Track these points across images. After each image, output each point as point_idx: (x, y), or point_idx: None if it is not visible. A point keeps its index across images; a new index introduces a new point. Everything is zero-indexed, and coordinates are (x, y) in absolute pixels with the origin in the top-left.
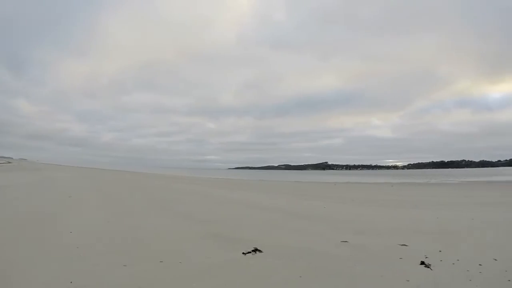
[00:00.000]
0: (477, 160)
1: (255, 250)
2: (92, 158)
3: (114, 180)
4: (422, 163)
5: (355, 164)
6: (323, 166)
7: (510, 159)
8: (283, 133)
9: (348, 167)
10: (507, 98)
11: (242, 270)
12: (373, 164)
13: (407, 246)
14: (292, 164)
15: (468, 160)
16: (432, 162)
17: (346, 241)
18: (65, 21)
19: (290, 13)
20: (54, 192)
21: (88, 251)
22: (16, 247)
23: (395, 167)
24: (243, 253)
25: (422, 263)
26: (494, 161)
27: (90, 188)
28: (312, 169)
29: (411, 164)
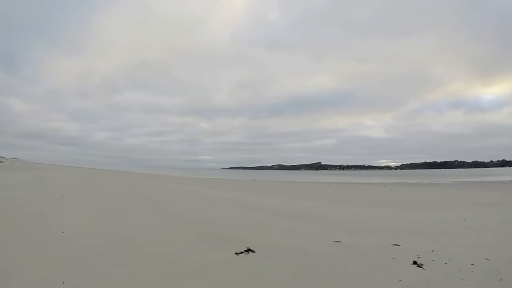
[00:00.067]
0: (469, 160)
1: (248, 250)
2: (84, 157)
3: (106, 180)
4: (415, 163)
5: (348, 165)
6: (317, 166)
7: (502, 160)
8: (276, 133)
9: (341, 167)
10: (499, 100)
11: (234, 270)
12: (366, 165)
13: (399, 246)
14: (286, 164)
15: (460, 161)
16: (425, 162)
17: (339, 241)
18: (58, 20)
19: (284, 13)
20: (47, 192)
21: (80, 252)
22: (8, 248)
23: (388, 168)
24: (235, 253)
25: (415, 263)
26: (486, 161)
27: (83, 188)
28: (305, 169)
29: (404, 164)
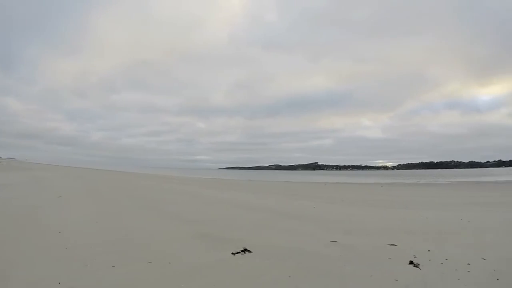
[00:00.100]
0: (466, 161)
1: (244, 250)
2: (81, 157)
3: (103, 180)
4: (412, 163)
5: (345, 165)
6: (313, 167)
7: (499, 160)
8: (273, 133)
9: (338, 167)
10: (495, 100)
11: (231, 270)
12: (363, 165)
13: (396, 246)
14: (283, 164)
15: (457, 161)
16: (422, 162)
17: (335, 241)
18: (56, 19)
19: (282, 13)
20: (44, 192)
21: (77, 252)
22: (4, 248)
23: (385, 168)
24: (232, 253)
25: (411, 262)
26: (483, 162)
27: (80, 188)
28: (302, 169)
29: (401, 164)
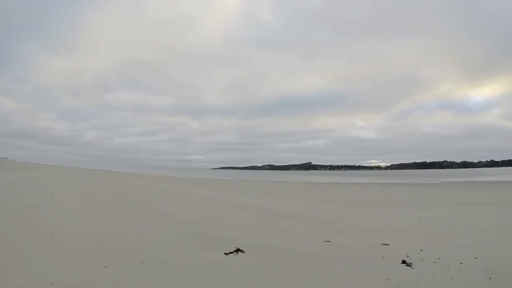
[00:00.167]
0: (458, 161)
1: (237, 250)
2: (74, 157)
3: (96, 180)
4: (405, 163)
5: (338, 165)
6: (307, 167)
7: (491, 160)
8: (267, 133)
9: (331, 167)
10: (488, 101)
11: (224, 270)
12: (356, 165)
13: (388, 245)
14: (276, 164)
15: (450, 161)
16: (415, 162)
17: (328, 241)
18: (50, 18)
19: (276, 13)
20: (36, 192)
21: (70, 252)
22: None
23: (378, 168)
24: (225, 253)
25: (404, 262)
26: (475, 162)
27: (73, 189)
28: (295, 169)
29: (394, 164)
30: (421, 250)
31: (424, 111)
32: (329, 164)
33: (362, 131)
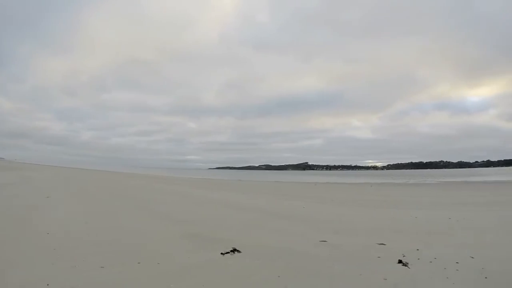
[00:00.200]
0: (455, 161)
1: (234, 250)
2: (71, 157)
3: (93, 180)
4: (401, 163)
5: (335, 165)
6: (304, 167)
7: (487, 160)
8: (264, 133)
9: (328, 167)
10: (484, 102)
11: (220, 270)
12: (353, 165)
13: (385, 245)
14: (273, 164)
15: (446, 161)
16: (411, 162)
17: (325, 240)
18: (46, 17)
19: (273, 14)
20: (32, 192)
21: (66, 253)
22: None
23: (375, 168)
24: (221, 253)
25: (400, 261)
26: (471, 162)
27: (69, 189)
28: (292, 169)
29: (390, 164)
30: (417, 249)
31: (421, 112)
32: (325, 164)
33: (359, 131)
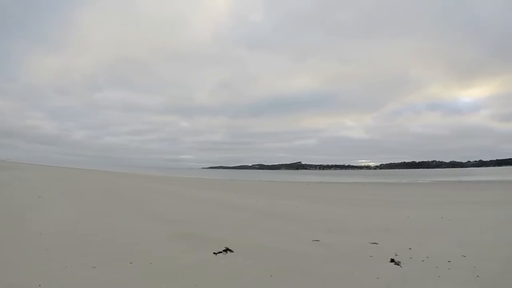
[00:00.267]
0: (447, 161)
1: (226, 250)
2: (63, 157)
3: (85, 180)
4: (394, 163)
5: (328, 164)
6: (297, 166)
7: (479, 160)
8: (257, 133)
9: (321, 167)
10: (476, 103)
11: (212, 270)
12: (346, 164)
13: (377, 244)
14: (266, 164)
15: (438, 161)
16: (404, 162)
17: (317, 240)
18: (39, 15)
19: (267, 14)
20: (24, 192)
21: (57, 253)
22: None
23: (368, 167)
24: (214, 253)
25: (392, 260)
26: (463, 162)
27: (61, 188)
28: (285, 169)
29: (383, 164)
30: (409, 248)
31: (413, 112)
32: (319, 163)
33: (352, 131)
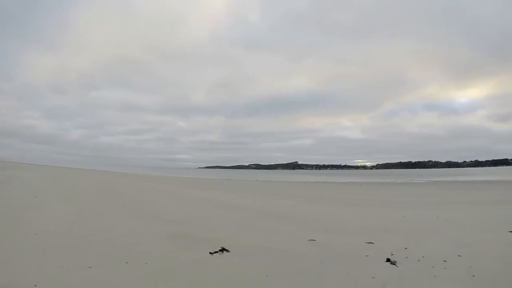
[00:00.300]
0: (443, 161)
1: (222, 249)
2: (60, 156)
3: (81, 180)
4: (391, 163)
5: (324, 164)
6: (293, 166)
7: (475, 160)
8: (253, 132)
9: (318, 167)
10: (472, 103)
11: (209, 270)
12: (342, 164)
13: (373, 244)
14: (263, 163)
15: (434, 161)
16: (400, 162)
17: (314, 239)
18: (36, 14)
19: (265, 14)
20: (20, 192)
21: (54, 253)
22: None
23: (364, 167)
24: (210, 252)
25: (388, 260)
26: (459, 162)
27: (57, 188)
28: (282, 168)
29: (379, 164)
30: (405, 248)
31: (410, 112)
32: (315, 163)
33: (348, 131)
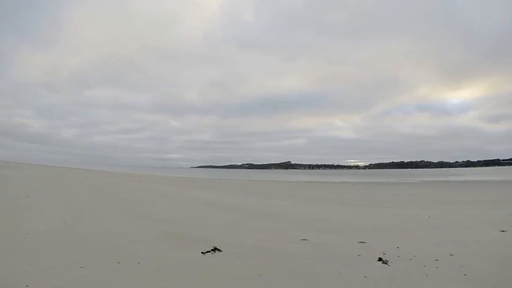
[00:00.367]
0: (435, 161)
1: (215, 249)
2: (51, 155)
3: (73, 179)
4: (383, 163)
5: (317, 164)
6: (286, 166)
7: (467, 161)
8: (246, 132)
9: (310, 166)
10: (465, 104)
11: (201, 269)
12: (335, 164)
13: (365, 243)
14: (255, 163)
15: (427, 161)
16: (393, 162)
17: (306, 239)
18: (29, 11)
19: (259, 14)
20: (11, 192)
21: (45, 253)
22: None
23: (357, 167)
24: (202, 252)
25: (380, 259)
26: (451, 162)
27: (49, 188)
28: (275, 168)
29: (372, 164)
30: (397, 247)
31: (402, 112)
32: (308, 163)
33: (341, 131)
